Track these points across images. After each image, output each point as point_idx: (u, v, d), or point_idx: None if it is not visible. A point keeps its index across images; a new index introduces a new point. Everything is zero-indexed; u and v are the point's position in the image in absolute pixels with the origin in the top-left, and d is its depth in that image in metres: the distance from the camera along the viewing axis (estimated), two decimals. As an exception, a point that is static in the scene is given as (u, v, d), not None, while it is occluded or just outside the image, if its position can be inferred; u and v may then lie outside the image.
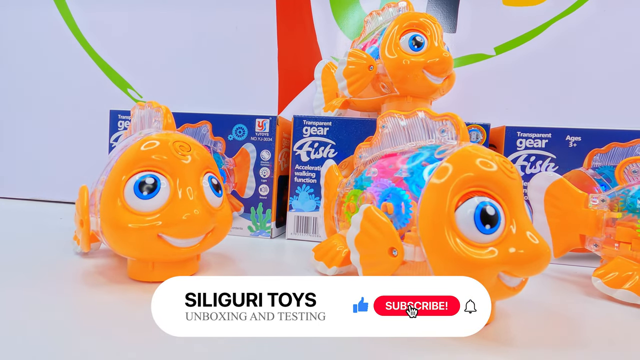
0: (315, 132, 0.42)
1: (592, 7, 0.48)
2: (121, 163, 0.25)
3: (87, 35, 0.60)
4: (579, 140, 0.37)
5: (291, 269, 0.32)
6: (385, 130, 0.29)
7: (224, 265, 0.31)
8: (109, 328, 0.20)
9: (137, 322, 0.20)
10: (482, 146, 0.22)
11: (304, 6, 0.54)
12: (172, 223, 0.24)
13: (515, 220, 0.20)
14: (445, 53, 0.35)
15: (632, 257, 0.28)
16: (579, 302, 0.28)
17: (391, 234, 0.22)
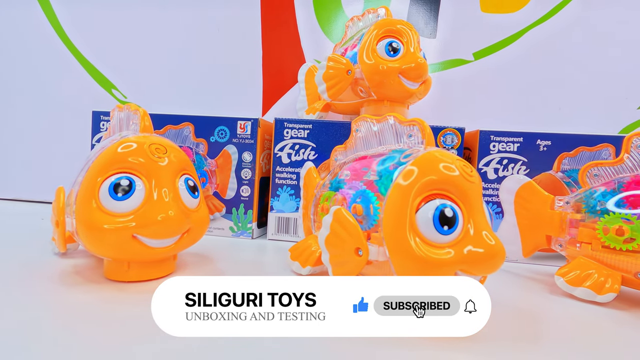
0: (296, 134, 0.42)
1: (567, 16, 0.50)
2: (97, 165, 0.25)
3: (72, 36, 0.60)
4: (549, 144, 0.39)
5: (268, 268, 0.33)
6: (359, 134, 0.30)
7: (201, 265, 0.32)
8: (81, 326, 0.20)
9: (112, 321, 0.21)
10: (445, 150, 0.23)
11: (288, 10, 0.55)
12: (147, 224, 0.24)
13: (473, 222, 0.21)
14: (420, 59, 0.36)
15: (592, 257, 0.29)
16: (543, 300, 0.29)
17: (357, 235, 0.22)
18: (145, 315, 0.21)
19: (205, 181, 0.44)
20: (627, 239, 0.27)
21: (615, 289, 0.27)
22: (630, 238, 0.27)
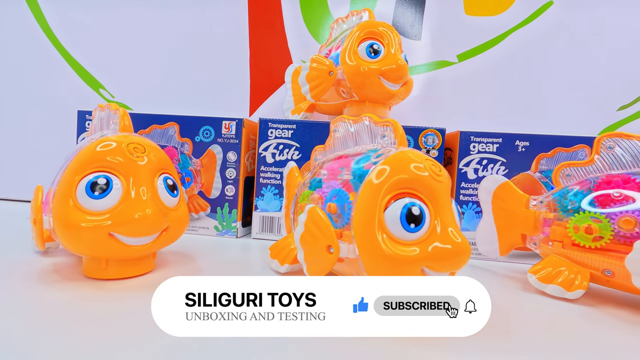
0: (280, 134, 0.43)
1: (549, 19, 0.51)
2: (75, 163, 0.26)
3: (59, 35, 0.60)
4: (527, 145, 0.40)
5: (247, 267, 0.33)
6: (337, 134, 0.30)
7: (182, 263, 0.32)
8: (53, 324, 0.20)
9: (85, 319, 0.21)
10: (416, 150, 0.24)
11: (276, 11, 0.55)
12: (124, 222, 0.25)
13: (440, 220, 0.22)
14: (400, 61, 0.37)
15: (563, 254, 0.30)
16: (516, 296, 0.30)
17: (329, 233, 0.23)
18: (123, 312, 0.22)
19: (190, 180, 0.44)
20: (596, 237, 0.28)
21: (583, 286, 0.28)
22: (598, 236, 0.28)
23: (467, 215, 0.41)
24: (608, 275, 0.28)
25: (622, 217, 0.27)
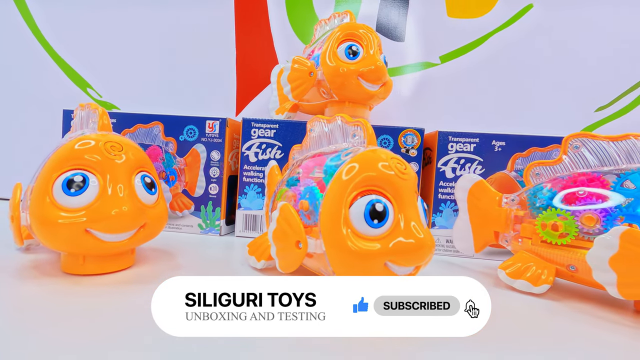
0: (263, 134, 0.44)
1: (529, 22, 0.52)
2: (52, 161, 0.26)
3: (47, 34, 0.60)
4: (504, 145, 0.41)
5: (226, 264, 0.34)
6: (313, 134, 0.31)
7: (161, 260, 0.33)
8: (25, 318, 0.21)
9: (65, 313, 0.22)
10: (383, 149, 0.25)
11: (262, 12, 0.56)
12: (100, 218, 0.25)
13: (404, 216, 0.22)
14: (379, 62, 0.38)
15: (532, 251, 0.31)
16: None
17: (298, 228, 0.24)
18: (97, 307, 0.23)
19: (174, 179, 0.45)
20: (562, 234, 0.29)
21: (549, 281, 0.29)
22: (564, 233, 0.29)
23: (445, 213, 0.42)
24: (572, 270, 0.29)
25: (585, 214, 0.28)
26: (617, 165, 0.29)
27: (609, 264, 0.25)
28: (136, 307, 0.23)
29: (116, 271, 0.29)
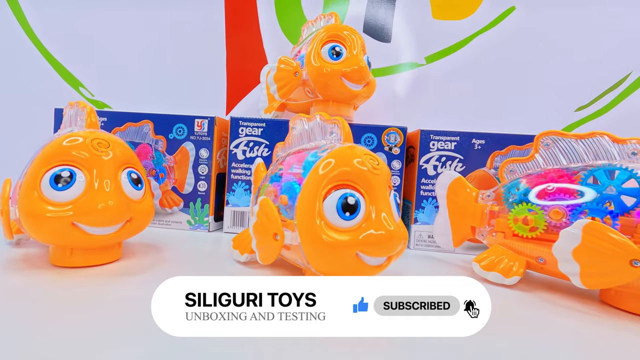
0: (250, 132, 0.45)
1: (511, 24, 0.53)
2: (41, 157, 0.27)
3: (39, 34, 0.61)
4: (483, 143, 0.42)
5: (210, 258, 0.35)
6: (294, 131, 0.32)
7: (148, 254, 0.34)
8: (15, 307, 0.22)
9: (51, 304, 0.23)
10: (357, 145, 0.26)
11: (252, 13, 0.57)
12: (87, 212, 0.26)
13: (376, 209, 0.23)
14: (362, 62, 0.39)
15: (505, 244, 0.32)
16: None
17: (276, 221, 0.25)
18: (83, 298, 0.23)
19: (164, 176, 0.46)
20: (532, 228, 0.30)
21: (519, 273, 0.30)
22: (534, 227, 0.30)
23: (427, 209, 0.43)
24: (541, 262, 0.30)
25: (553, 208, 0.29)
26: (584, 162, 0.30)
27: (572, 256, 0.26)
28: (121, 298, 0.24)
29: (103, 264, 0.30)
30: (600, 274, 0.25)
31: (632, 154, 0.28)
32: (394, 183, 0.43)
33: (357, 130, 0.43)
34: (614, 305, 0.27)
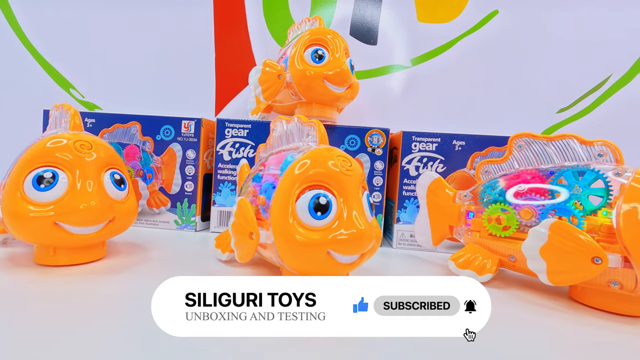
0: (236, 133, 0.45)
1: (495, 27, 0.54)
2: (24, 159, 0.28)
3: (30, 36, 0.61)
4: (463, 144, 0.43)
5: (194, 257, 0.35)
6: (275, 133, 0.33)
7: (132, 253, 0.34)
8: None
9: (33, 301, 0.23)
10: (331, 147, 0.27)
11: (240, 16, 0.58)
12: (69, 212, 0.27)
13: (347, 209, 0.24)
14: (344, 65, 0.40)
15: (480, 243, 0.33)
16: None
17: (251, 221, 0.26)
18: (66, 295, 0.24)
19: (151, 177, 0.47)
20: (505, 227, 0.31)
21: (492, 270, 0.31)
22: (507, 226, 0.31)
23: (409, 209, 0.44)
24: (512, 260, 0.31)
25: (523, 208, 0.30)
26: (554, 163, 0.31)
27: (539, 254, 0.27)
28: (104, 296, 0.25)
29: (87, 262, 0.30)
30: (565, 271, 0.26)
31: (598, 155, 0.29)
32: (377, 184, 0.44)
33: (340, 132, 0.44)
34: (581, 302, 0.28)
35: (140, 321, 0.20)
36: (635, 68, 0.52)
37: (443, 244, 0.41)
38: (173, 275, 0.29)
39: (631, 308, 0.26)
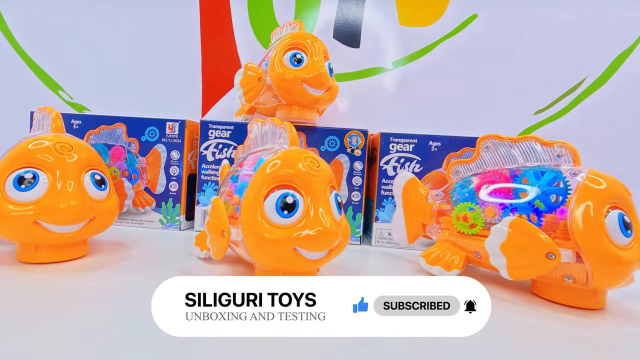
0: (219, 134, 0.47)
1: (473, 30, 0.56)
2: (5, 160, 0.29)
3: (18, 37, 0.62)
4: (439, 145, 0.44)
5: (174, 254, 0.36)
6: (252, 135, 0.34)
7: (114, 251, 0.35)
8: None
9: (13, 297, 0.24)
10: (301, 149, 0.28)
11: (226, 19, 0.59)
12: (49, 211, 0.28)
13: (314, 207, 0.25)
14: (322, 69, 0.41)
15: (449, 240, 0.35)
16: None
17: (223, 219, 0.27)
18: (46, 291, 0.25)
19: (136, 177, 0.48)
20: (472, 225, 0.33)
21: (460, 266, 0.33)
22: (474, 224, 0.32)
23: (387, 208, 0.45)
24: (478, 257, 0.32)
25: (487, 206, 0.31)
26: (518, 164, 0.32)
27: (500, 250, 0.28)
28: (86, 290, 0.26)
29: (68, 260, 0.31)
30: (523, 266, 0.28)
31: (557, 156, 0.30)
32: (356, 183, 0.45)
33: (320, 133, 0.45)
34: (541, 296, 0.30)
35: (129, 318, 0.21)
36: (608, 71, 0.53)
37: (419, 241, 0.42)
38: (150, 272, 0.30)
39: (585, 301, 0.28)
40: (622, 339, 0.24)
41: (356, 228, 0.46)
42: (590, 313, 0.27)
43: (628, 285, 0.27)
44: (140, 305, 0.21)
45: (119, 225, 0.47)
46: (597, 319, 0.27)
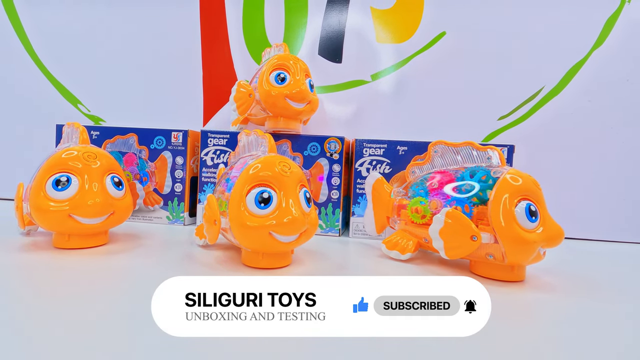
0: (217, 142, 0.54)
1: (443, 46, 0.62)
2: (45, 166, 0.37)
3: (42, 57, 0.70)
4: (406, 149, 0.51)
5: (178, 244, 0.44)
6: (240, 143, 0.41)
7: (129, 240, 0.43)
8: (22, 279, 0.31)
9: (52, 276, 0.32)
10: (277, 155, 0.35)
11: (223, 41, 0.66)
12: (79, 207, 0.36)
13: (286, 201, 0.32)
14: (303, 86, 0.48)
15: (406, 230, 0.41)
16: (368, 259, 0.41)
17: (215, 211, 0.34)
18: (78, 269, 0.32)
19: (147, 180, 0.55)
20: (422, 216, 0.39)
21: (412, 250, 0.39)
22: (424, 215, 0.39)
23: (362, 204, 0.52)
24: (426, 242, 0.39)
25: (433, 200, 0.38)
26: (459, 165, 0.39)
27: (439, 235, 0.35)
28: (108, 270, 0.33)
29: (93, 246, 0.39)
30: (455, 247, 0.34)
31: (487, 158, 0.37)
32: (335, 183, 0.52)
33: (303, 140, 0.52)
34: (475, 273, 0.36)
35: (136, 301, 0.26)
36: (563, 81, 0.60)
37: (387, 231, 0.49)
38: (161, 256, 0.38)
39: (507, 275, 0.34)
40: (536, 304, 0.31)
41: (335, 222, 0.53)
42: (511, 284, 0.34)
43: (538, 261, 0.33)
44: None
45: (132, 221, 0.55)
46: (516, 289, 0.33)
